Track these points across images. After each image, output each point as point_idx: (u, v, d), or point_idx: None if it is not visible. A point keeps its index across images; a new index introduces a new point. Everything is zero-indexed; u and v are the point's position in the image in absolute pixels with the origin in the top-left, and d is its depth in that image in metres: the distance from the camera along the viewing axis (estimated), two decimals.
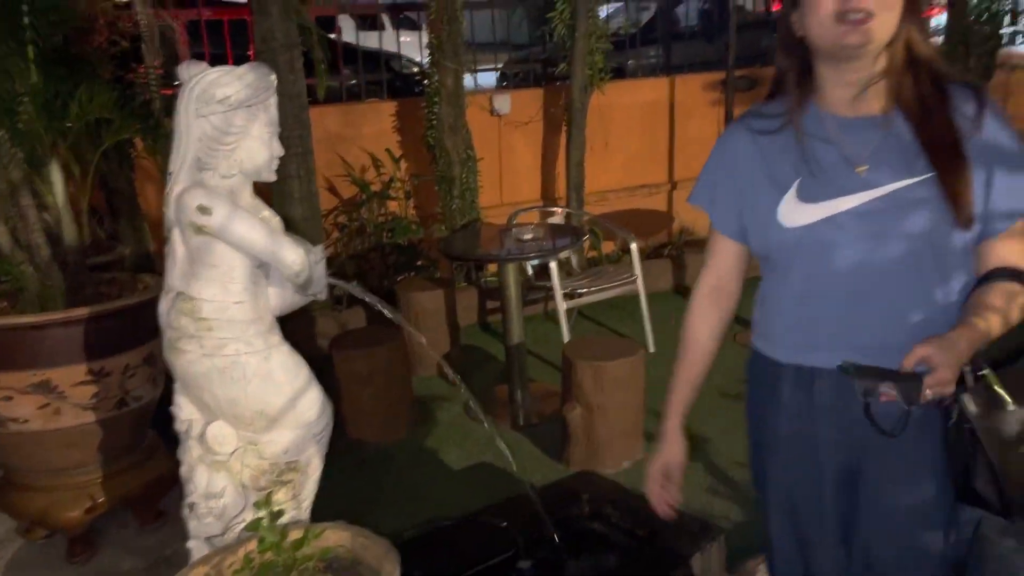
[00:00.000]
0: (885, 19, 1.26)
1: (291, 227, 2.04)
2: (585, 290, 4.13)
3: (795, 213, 1.36)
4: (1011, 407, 1.22)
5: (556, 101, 5.30)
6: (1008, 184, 1.31)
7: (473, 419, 3.60)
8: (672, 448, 1.61)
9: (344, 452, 3.20)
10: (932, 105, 1.32)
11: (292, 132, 3.96)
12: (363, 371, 3.43)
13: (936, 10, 6.50)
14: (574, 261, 4.74)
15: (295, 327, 2.12)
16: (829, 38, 1.27)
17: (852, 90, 1.34)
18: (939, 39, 6.33)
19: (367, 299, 2.09)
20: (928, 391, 1.16)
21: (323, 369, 3.37)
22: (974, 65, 6.24)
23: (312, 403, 1.99)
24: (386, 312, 2.08)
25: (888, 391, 1.16)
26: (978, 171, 1.30)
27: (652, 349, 4.25)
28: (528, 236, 3.51)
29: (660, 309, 4.67)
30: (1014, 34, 7.64)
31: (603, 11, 5.28)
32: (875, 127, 1.34)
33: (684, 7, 10.98)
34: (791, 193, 1.36)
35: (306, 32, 4.08)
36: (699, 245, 5.72)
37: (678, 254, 5.47)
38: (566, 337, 3.96)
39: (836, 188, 1.33)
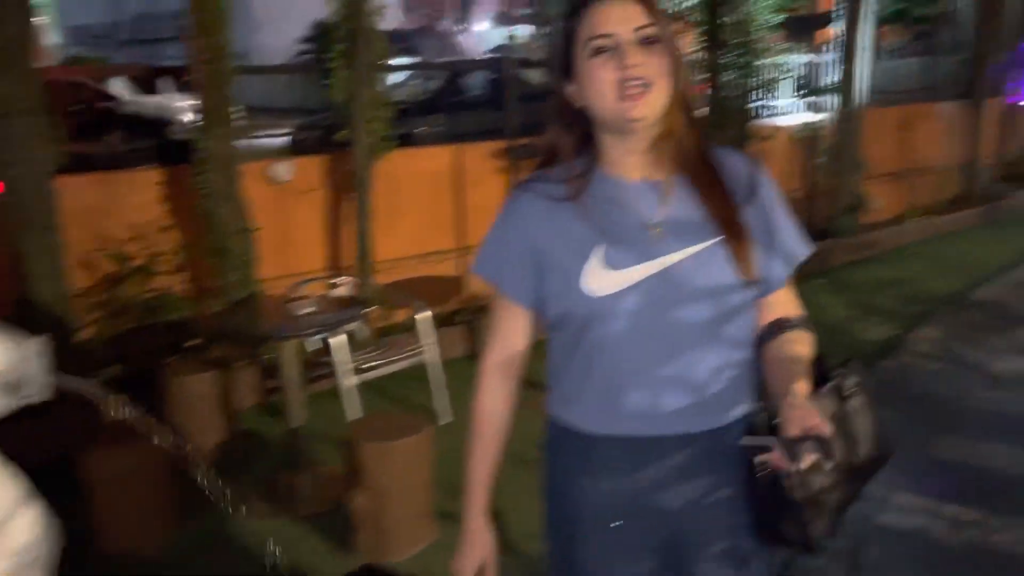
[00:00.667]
0: (662, 87, 1.30)
1: (34, 310, 1.75)
2: (373, 364, 3.96)
3: (602, 281, 1.34)
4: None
5: (340, 168, 5.15)
6: (782, 246, 1.42)
7: (249, 515, 3.29)
8: (480, 547, 1.52)
9: (92, 570, 2.80)
10: (709, 170, 1.39)
11: (33, 205, 3.55)
12: (119, 472, 3.04)
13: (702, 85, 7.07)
14: (363, 333, 4.56)
15: (31, 426, 1.80)
16: (612, 112, 1.30)
17: (637, 157, 1.38)
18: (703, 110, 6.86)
19: (97, 397, 1.82)
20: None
21: (70, 473, 2.99)
22: (731, 136, 6.80)
23: (28, 524, 1.69)
24: (117, 410, 1.81)
25: (777, 455, 1.18)
26: (757, 234, 1.39)
27: (446, 419, 4.14)
28: (306, 311, 3.31)
29: (455, 377, 4.56)
30: (762, 107, 8.45)
31: (396, 77, 5.24)
32: (662, 192, 1.38)
33: (474, 77, 11.32)
34: (595, 260, 1.34)
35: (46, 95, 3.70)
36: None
37: (471, 320, 5.44)
38: (353, 415, 3.75)
39: (638, 254, 1.35)
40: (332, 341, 3.73)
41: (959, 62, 10.48)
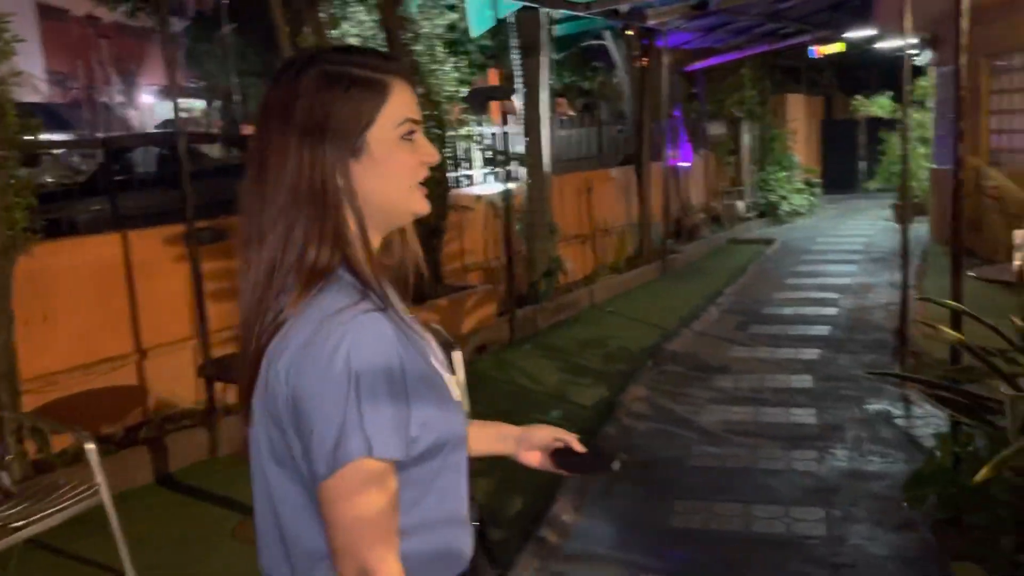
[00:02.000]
0: None
1: None
2: (22, 522, 3.07)
3: (453, 388, 1.18)
4: None
5: None
6: None
7: None
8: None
9: None
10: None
11: None
12: None
13: None
14: (8, 477, 3.59)
15: None
16: (406, 204, 1.16)
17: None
18: None
19: None
20: None
21: None
22: (432, 207, 6.64)
23: None
24: None
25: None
26: None
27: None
28: None
29: (140, 514, 3.80)
30: (458, 179, 8.50)
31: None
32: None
33: (142, 153, 10.18)
34: (436, 363, 1.17)
35: None
36: (180, 420, 4.93)
37: (157, 435, 4.60)
38: None
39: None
40: None
41: (623, 131, 11.50)
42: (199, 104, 21.85)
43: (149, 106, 24.08)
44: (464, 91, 7.15)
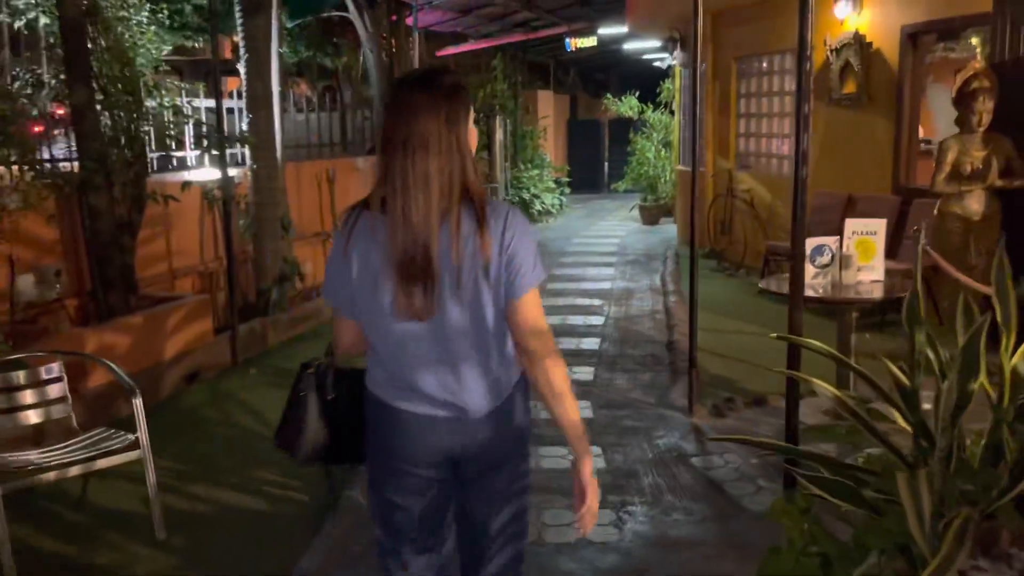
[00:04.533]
0: None
1: None
2: None
3: None
4: None
5: None
6: None
7: None
8: None
9: None
10: None
11: None
12: None
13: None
14: None
15: None
16: None
17: None
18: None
19: None
20: None
21: None
22: (120, 195, 5.12)
23: None
24: None
25: None
26: None
27: None
28: None
29: None
30: (165, 159, 6.90)
31: None
32: None
33: None
34: None
35: None
36: None
37: None
38: None
39: None
40: None
41: (370, 118, 10.35)
42: None
43: None
44: (167, 50, 5.64)
